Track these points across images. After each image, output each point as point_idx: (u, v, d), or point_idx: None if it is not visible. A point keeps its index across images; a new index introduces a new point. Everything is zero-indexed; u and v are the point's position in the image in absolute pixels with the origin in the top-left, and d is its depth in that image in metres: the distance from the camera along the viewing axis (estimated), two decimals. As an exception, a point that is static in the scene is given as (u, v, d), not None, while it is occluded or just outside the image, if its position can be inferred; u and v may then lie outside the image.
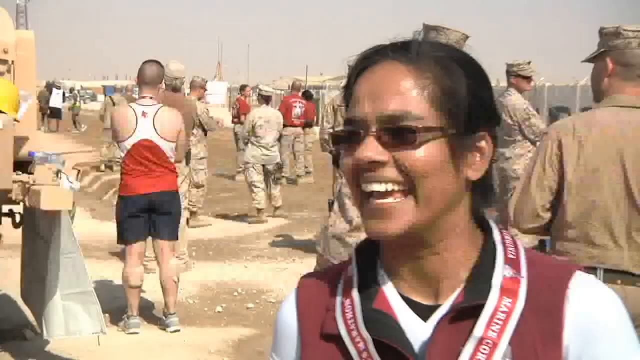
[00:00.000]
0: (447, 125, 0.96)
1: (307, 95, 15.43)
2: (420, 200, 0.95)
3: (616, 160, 2.68)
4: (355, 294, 1.03)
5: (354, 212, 3.18)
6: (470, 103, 0.97)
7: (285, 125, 10.89)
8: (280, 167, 10.88)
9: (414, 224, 0.96)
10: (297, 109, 13.78)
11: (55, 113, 27.92)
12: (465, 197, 1.01)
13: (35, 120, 4.83)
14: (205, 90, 9.70)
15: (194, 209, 9.55)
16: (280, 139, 10.56)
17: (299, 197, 12.47)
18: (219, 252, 8.55)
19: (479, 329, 0.94)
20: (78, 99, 30.86)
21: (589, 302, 0.97)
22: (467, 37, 3.49)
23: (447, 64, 0.98)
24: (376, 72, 0.99)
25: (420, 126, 0.94)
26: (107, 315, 5.90)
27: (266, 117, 10.27)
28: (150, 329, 5.67)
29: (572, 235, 2.72)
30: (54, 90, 26.95)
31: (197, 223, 9.72)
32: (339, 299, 1.05)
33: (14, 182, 4.09)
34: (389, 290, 1.02)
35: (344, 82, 1.06)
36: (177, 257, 7.21)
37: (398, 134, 0.95)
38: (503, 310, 0.95)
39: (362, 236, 1.08)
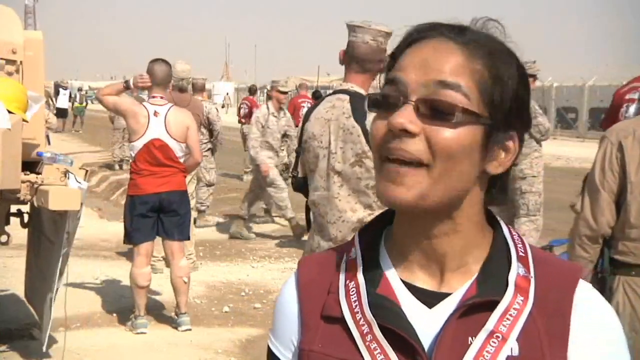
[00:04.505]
0: (486, 114, 0.96)
1: (316, 96, 15.38)
2: (433, 175, 0.95)
3: None
4: (359, 277, 1.03)
5: (332, 229, 3.15)
6: (512, 101, 0.98)
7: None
8: (287, 167, 10.87)
9: (425, 194, 0.95)
10: (305, 109, 13.75)
11: (62, 113, 28.11)
12: (478, 188, 1.01)
13: (43, 121, 4.84)
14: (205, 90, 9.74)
15: (202, 208, 9.57)
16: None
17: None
18: (226, 252, 8.56)
19: (491, 323, 0.96)
20: (84, 99, 30.82)
21: (594, 312, 1.01)
22: (389, 34, 3.23)
23: (501, 57, 0.98)
24: (427, 45, 0.98)
25: (462, 106, 0.94)
26: (114, 314, 5.93)
27: (273, 117, 10.27)
28: (158, 328, 5.68)
29: (635, 235, 2.76)
30: (61, 91, 27.10)
31: (204, 223, 9.74)
32: (341, 281, 1.05)
33: (22, 182, 4.09)
34: (392, 276, 1.03)
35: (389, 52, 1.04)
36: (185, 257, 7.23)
37: (437, 108, 0.94)
38: (515, 307, 0.97)
39: None
